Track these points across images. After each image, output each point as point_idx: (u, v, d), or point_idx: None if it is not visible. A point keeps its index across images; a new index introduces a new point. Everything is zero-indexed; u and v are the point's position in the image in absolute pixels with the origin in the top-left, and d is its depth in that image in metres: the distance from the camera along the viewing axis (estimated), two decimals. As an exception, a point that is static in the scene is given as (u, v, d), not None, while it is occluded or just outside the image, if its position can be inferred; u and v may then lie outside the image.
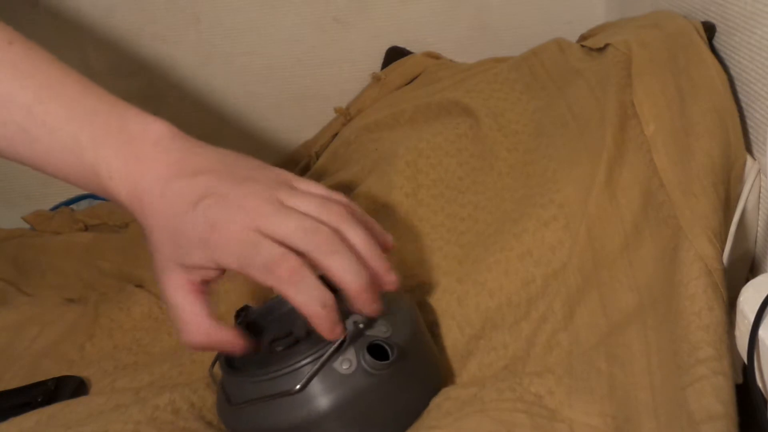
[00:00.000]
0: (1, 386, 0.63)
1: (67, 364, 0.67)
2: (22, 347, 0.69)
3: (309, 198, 0.48)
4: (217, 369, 0.54)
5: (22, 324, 0.72)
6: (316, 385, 0.47)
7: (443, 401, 0.53)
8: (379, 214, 0.70)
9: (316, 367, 0.47)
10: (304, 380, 0.47)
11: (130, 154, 0.49)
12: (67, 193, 1.06)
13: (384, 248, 0.51)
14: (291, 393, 0.47)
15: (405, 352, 0.50)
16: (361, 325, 0.48)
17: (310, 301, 0.45)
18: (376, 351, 0.49)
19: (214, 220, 0.46)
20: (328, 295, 0.46)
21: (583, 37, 0.87)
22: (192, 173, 0.48)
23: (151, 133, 0.50)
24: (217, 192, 0.47)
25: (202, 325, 0.48)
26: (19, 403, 0.60)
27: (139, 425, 0.53)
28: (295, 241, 0.46)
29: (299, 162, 1.03)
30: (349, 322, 0.48)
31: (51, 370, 0.66)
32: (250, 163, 0.51)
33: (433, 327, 0.61)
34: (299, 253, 0.46)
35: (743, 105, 0.65)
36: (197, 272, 0.48)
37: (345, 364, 0.48)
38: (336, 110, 1.04)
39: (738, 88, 0.66)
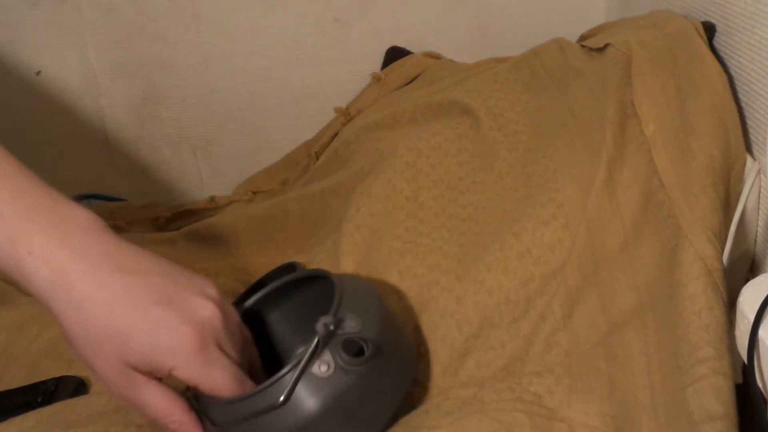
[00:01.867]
0: (1, 386, 0.63)
1: (67, 363, 0.67)
2: (21, 347, 0.69)
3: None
4: None
5: (21, 324, 0.72)
6: (298, 394, 0.47)
7: (443, 401, 0.53)
8: (378, 215, 0.70)
9: (296, 375, 0.47)
10: (286, 391, 0.47)
11: (57, 234, 0.46)
12: (67, 194, 1.06)
13: None
14: (276, 406, 0.47)
15: (378, 345, 0.50)
16: (331, 326, 0.48)
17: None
18: (350, 348, 0.49)
19: (177, 331, 0.45)
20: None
21: (583, 37, 0.87)
22: (136, 271, 0.47)
23: (82, 220, 0.47)
24: (171, 297, 0.46)
25: (182, 408, 0.49)
26: (19, 403, 0.59)
27: (141, 429, 0.53)
28: (238, 356, 0.49)
29: (299, 162, 1.03)
30: (320, 325, 0.48)
31: (51, 370, 0.65)
32: (174, 267, 0.50)
33: (431, 325, 0.61)
34: None
35: (743, 105, 0.65)
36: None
37: (323, 366, 0.47)
38: (336, 110, 1.04)
39: (738, 88, 0.66)
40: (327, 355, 0.48)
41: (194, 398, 0.51)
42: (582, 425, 0.48)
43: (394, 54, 1.04)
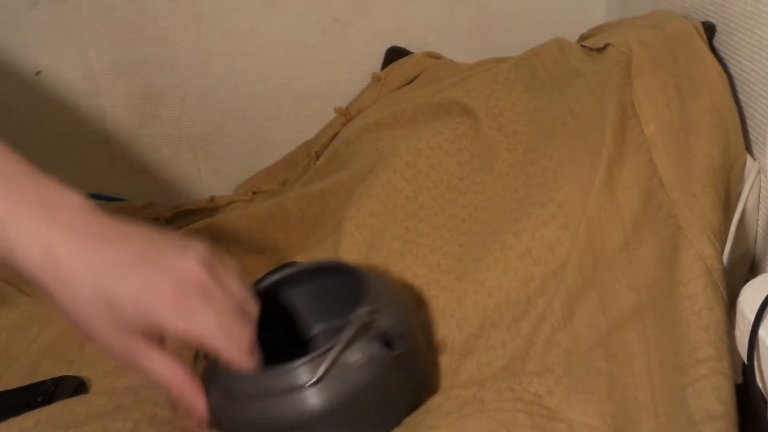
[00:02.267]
0: (1, 386, 0.63)
1: (67, 364, 0.67)
2: (21, 347, 0.69)
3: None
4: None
5: (22, 324, 0.72)
6: (328, 378, 0.47)
7: (443, 401, 0.53)
8: (379, 215, 0.70)
9: (331, 359, 0.47)
10: (320, 372, 0.47)
11: (44, 216, 0.47)
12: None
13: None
14: (304, 387, 0.47)
15: (406, 342, 0.50)
16: (368, 318, 0.48)
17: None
18: (383, 340, 0.49)
19: (157, 286, 0.46)
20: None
21: (583, 37, 0.87)
22: (120, 240, 0.48)
23: (68, 201, 0.48)
24: (152, 258, 0.47)
25: (184, 375, 0.50)
26: (19, 403, 0.60)
27: (138, 424, 0.53)
28: (231, 309, 0.49)
29: (299, 162, 1.03)
30: (357, 315, 0.48)
31: (51, 370, 0.65)
32: (159, 233, 0.51)
33: (431, 325, 0.61)
34: None
35: (743, 105, 0.65)
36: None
37: (356, 355, 0.48)
38: (336, 110, 1.04)
39: (738, 88, 0.66)
40: (360, 345, 0.48)
41: (211, 371, 0.50)
42: (582, 425, 0.48)
43: (394, 54, 1.04)
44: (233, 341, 0.48)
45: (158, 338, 0.49)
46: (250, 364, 0.49)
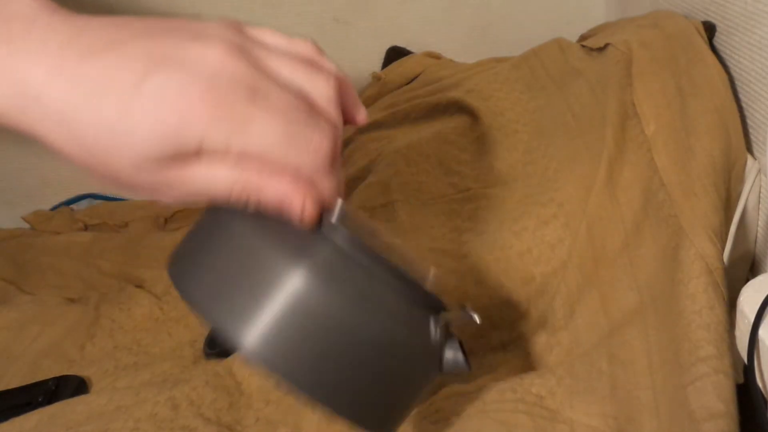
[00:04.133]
0: (2, 386, 0.63)
1: (68, 363, 0.67)
2: (22, 347, 0.69)
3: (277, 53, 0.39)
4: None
5: (23, 323, 0.72)
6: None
7: (444, 402, 0.53)
8: (379, 214, 0.70)
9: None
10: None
11: None
12: (67, 193, 1.06)
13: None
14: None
15: None
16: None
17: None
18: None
19: (179, 100, 0.34)
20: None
21: (583, 37, 0.87)
22: (112, 45, 0.34)
23: (19, 8, 0.35)
24: (162, 61, 0.34)
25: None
26: (20, 402, 0.60)
27: (139, 422, 0.53)
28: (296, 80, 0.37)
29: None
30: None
31: (52, 369, 0.66)
32: (156, 21, 0.38)
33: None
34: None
35: (743, 105, 0.65)
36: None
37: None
38: (336, 110, 1.04)
39: (738, 88, 0.66)
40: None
41: None
42: (584, 426, 0.48)
43: (394, 54, 1.04)
44: (310, 152, 0.36)
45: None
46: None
